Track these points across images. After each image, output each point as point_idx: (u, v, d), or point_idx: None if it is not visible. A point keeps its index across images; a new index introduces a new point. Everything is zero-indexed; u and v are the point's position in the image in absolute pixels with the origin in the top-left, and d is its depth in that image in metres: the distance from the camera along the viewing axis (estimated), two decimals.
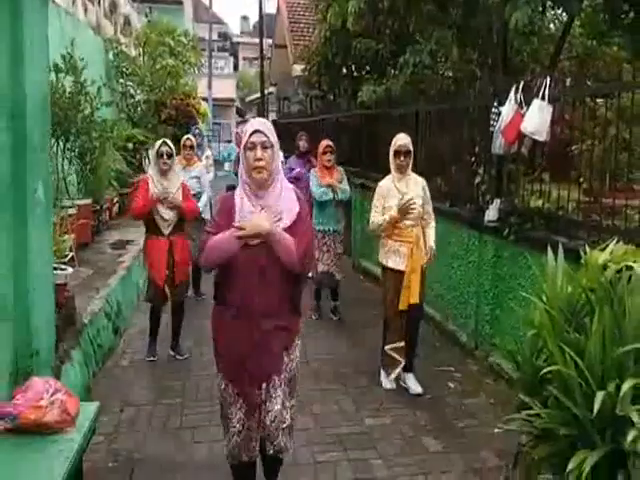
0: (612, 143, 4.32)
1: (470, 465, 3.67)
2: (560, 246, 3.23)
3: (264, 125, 2.77)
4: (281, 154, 3.25)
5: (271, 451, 2.88)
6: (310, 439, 3.88)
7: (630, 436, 2.29)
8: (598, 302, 2.73)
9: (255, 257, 2.68)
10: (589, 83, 4.83)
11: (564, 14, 7.32)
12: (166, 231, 4.96)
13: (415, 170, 4.81)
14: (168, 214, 4.93)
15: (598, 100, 4.61)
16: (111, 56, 10.99)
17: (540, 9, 5.64)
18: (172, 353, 5.24)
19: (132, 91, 11.56)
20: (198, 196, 6.33)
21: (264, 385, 2.78)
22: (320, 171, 6.16)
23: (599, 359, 2.59)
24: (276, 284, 2.74)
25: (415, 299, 4.54)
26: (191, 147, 6.57)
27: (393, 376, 4.71)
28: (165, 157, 4.92)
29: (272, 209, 2.71)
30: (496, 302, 5.11)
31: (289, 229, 2.72)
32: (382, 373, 4.77)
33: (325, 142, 6.23)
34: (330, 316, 6.42)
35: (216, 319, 2.92)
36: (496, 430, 3.86)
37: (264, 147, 2.69)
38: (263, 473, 3.10)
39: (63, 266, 4.30)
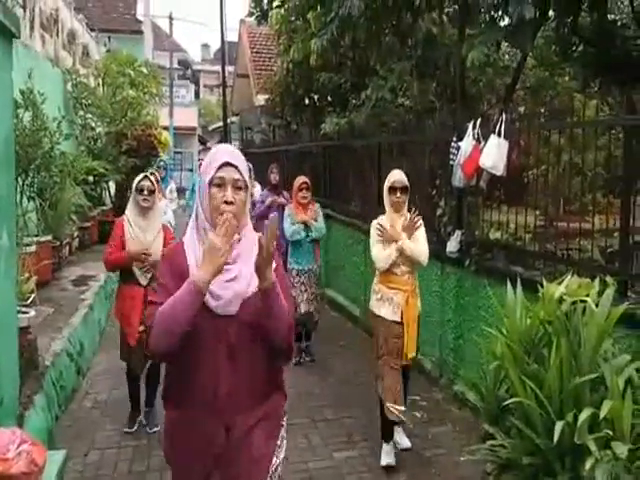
0: (565, 169, 4.52)
1: None
2: (518, 278, 3.37)
3: (236, 157, 2.00)
4: (258, 187, 2.36)
5: None
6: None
7: (588, 464, 2.41)
8: (555, 334, 2.84)
9: (222, 331, 1.95)
10: (543, 115, 5.04)
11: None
12: (144, 281, 4.30)
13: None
14: (147, 262, 4.30)
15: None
16: (70, 87, 10.88)
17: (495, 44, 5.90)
18: (144, 422, 4.57)
19: (92, 123, 11.44)
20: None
21: None
22: (295, 208, 5.99)
23: (558, 390, 2.70)
24: (253, 367, 2.02)
25: (414, 351, 4.16)
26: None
27: (396, 437, 4.21)
28: (146, 193, 4.35)
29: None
30: (459, 331, 5.22)
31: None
32: (384, 446, 4.13)
33: (301, 178, 6.04)
34: (302, 356, 6.17)
35: (171, 426, 2.12)
36: (462, 459, 3.94)
37: (237, 187, 1.95)
38: None
39: (25, 309, 4.19)
